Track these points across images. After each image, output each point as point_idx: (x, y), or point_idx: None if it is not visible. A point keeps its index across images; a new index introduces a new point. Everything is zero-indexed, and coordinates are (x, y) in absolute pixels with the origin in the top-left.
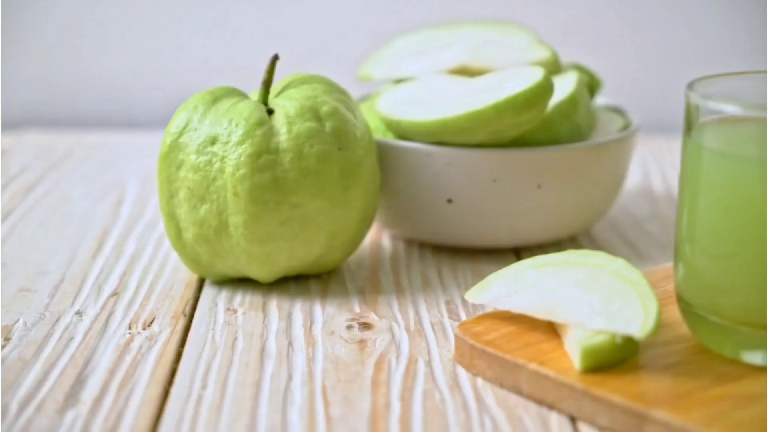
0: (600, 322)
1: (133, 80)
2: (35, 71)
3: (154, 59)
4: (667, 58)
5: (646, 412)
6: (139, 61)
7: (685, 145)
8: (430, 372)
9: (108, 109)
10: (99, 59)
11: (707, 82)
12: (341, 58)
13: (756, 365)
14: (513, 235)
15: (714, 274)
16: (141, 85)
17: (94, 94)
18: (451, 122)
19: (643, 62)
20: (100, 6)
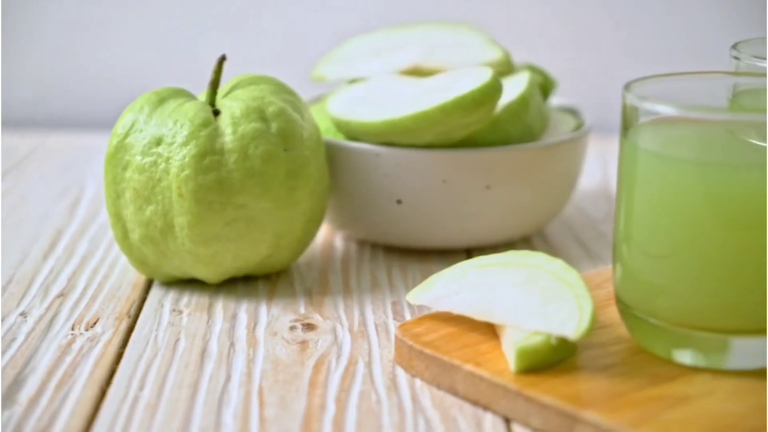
0: (536, 323)
1: (98, 81)
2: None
3: (119, 60)
4: (627, 58)
5: (576, 413)
6: (104, 63)
7: (621, 146)
8: (369, 373)
9: (74, 110)
10: (64, 61)
11: (643, 83)
12: (297, 59)
13: (687, 365)
14: (464, 235)
15: (650, 274)
16: (106, 87)
17: (59, 95)
18: (398, 123)
19: (603, 63)
20: (61, 8)
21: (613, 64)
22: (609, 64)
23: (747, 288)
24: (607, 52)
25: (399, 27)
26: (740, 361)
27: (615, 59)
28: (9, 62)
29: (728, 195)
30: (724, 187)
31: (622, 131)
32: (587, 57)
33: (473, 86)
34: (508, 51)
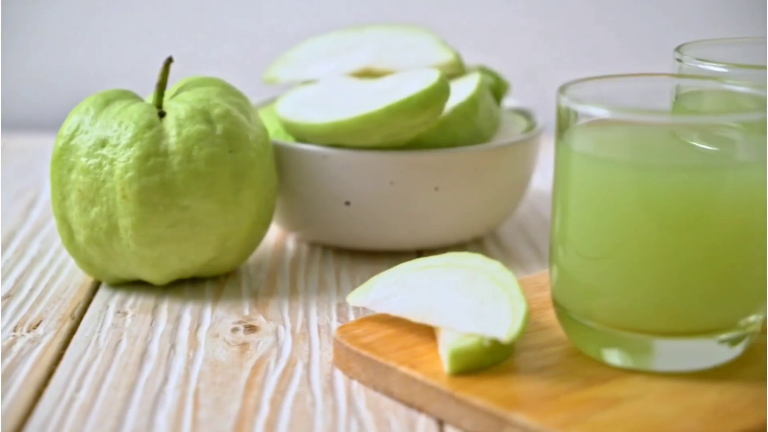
0: (470, 325)
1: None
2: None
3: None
4: (583, 60)
5: (506, 415)
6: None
7: (557, 149)
8: (307, 375)
9: (35, 111)
10: (20, 63)
11: (578, 86)
12: (253, 61)
13: (618, 366)
14: (414, 237)
15: (584, 276)
16: (64, 88)
17: (14, 97)
18: (345, 125)
19: (559, 65)
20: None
21: (568, 66)
22: (564, 66)
23: (679, 290)
24: (563, 54)
25: (352, 29)
26: (667, 362)
27: (571, 61)
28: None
29: (661, 197)
30: (657, 189)
31: (558, 134)
32: (542, 59)
33: (420, 88)
34: (459, 53)
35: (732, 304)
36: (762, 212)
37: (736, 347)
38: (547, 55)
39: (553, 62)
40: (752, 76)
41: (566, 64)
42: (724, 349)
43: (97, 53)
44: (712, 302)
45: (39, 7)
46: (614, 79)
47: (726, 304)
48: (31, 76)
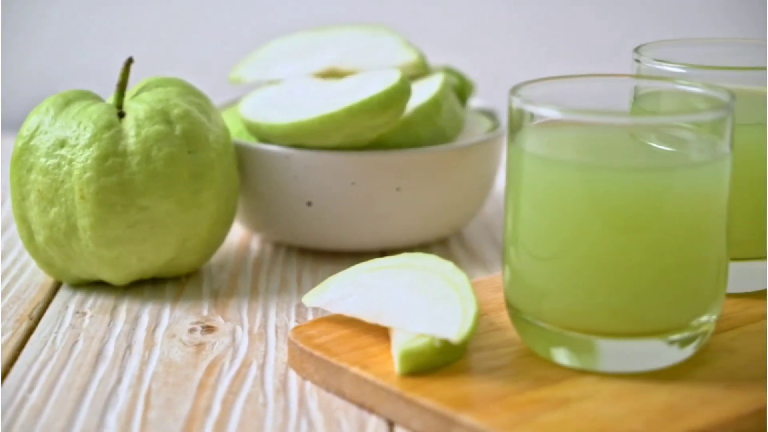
0: (421, 326)
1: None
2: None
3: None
4: (551, 60)
5: (453, 415)
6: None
7: (508, 150)
8: (261, 376)
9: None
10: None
11: (531, 87)
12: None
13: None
14: (377, 237)
15: (535, 276)
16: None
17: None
18: (305, 125)
19: (526, 65)
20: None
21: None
22: (532, 66)
23: (630, 290)
24: (531, 55)
25: (317, 29)
26: (613, 363)
27: (539, 62)
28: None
29: (610, 197)
30: (606, 190)
31: (509, 135)
32: (510, 59)
33: (380, 89)
34: (423, 53)
35: (684, 304)
36: (713, 212)
37: (687, 348)
38: (514, 55)
39: (521, 63)
40: (710, 77)
41: (534, 64)
42: (674, 350)
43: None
44: (663, 303)
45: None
46: (568, 79)
47: (677, 305)
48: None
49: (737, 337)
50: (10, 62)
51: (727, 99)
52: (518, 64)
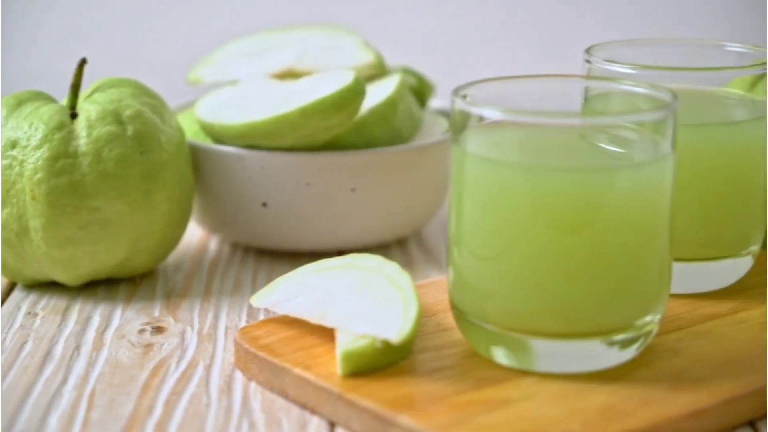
0: (363, 327)
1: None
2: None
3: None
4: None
5: (391, 416)
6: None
7: (452, 151)
8: (206, 376)
9: None
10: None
11: (472, 88)
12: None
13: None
14: (333, 238)
15: (478, 277)
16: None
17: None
18: (259, 126)
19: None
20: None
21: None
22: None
23: (572, 291)
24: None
25: (276, 30)
26: (549, 364)
27: (501, 62)
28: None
29: (551, 198)
30: (547, 190)
31: (453, 136)
32: (472, 61)
33: (333, 89)
34: (380, 54)
35: (626, 305)
36: (656, 212)
37: (630, 349)
38: (477, 56)
39: (484, 64)
40: (659, 78)
41: (497, 65)
42: (616, 350)
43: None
44: (605, 303)
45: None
46: (516, 80)
47: (620, 305)
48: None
49: (683, 338)
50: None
51: (669, 99)
52: (481, 65)
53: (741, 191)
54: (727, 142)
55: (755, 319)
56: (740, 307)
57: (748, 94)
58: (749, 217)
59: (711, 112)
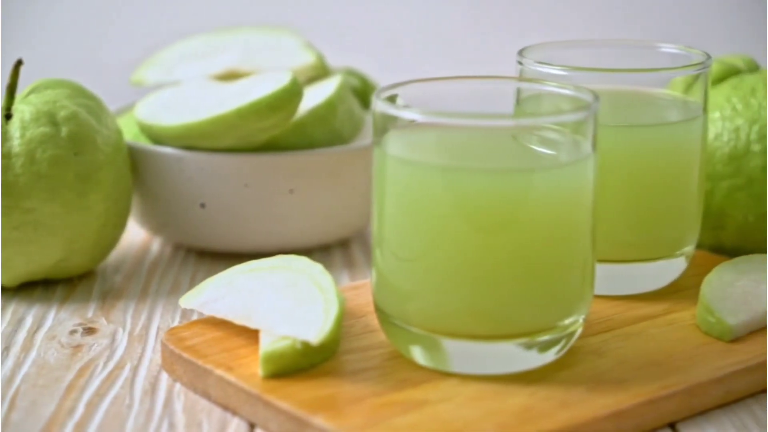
0: (285, 328)
1: None
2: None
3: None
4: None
5: (306, 418)
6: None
7: (374, 152)
8: (132, 377)
9: None
10: None
11: (394, 90)
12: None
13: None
14: (273, 239)
15: (399, 278)
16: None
17: None
18: (196, 127)
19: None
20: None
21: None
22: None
23: (492, 293)
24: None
25: (221, 30)
26: (462, 365)
27: (449, 64)
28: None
29: (471, 199)
30: (465, 192)
31: (374, 137)
32: (418, 62)
33: (269, 91)
34: (322, 55)
35: (548, 306)
36: (578, 213)
37: (552, 350)
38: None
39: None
40: (593, 79)
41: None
42: (533, 353)
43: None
44: (526, 305)
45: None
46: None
47: (541, 307)
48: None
49: (609, 340)
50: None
51: (590, 100)
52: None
53: (674, 192)
54: (660, 143)
55: (685, 321)
56: (672, 308)
57: (683, 95)
58: (682, 218)
59: (644, 113)
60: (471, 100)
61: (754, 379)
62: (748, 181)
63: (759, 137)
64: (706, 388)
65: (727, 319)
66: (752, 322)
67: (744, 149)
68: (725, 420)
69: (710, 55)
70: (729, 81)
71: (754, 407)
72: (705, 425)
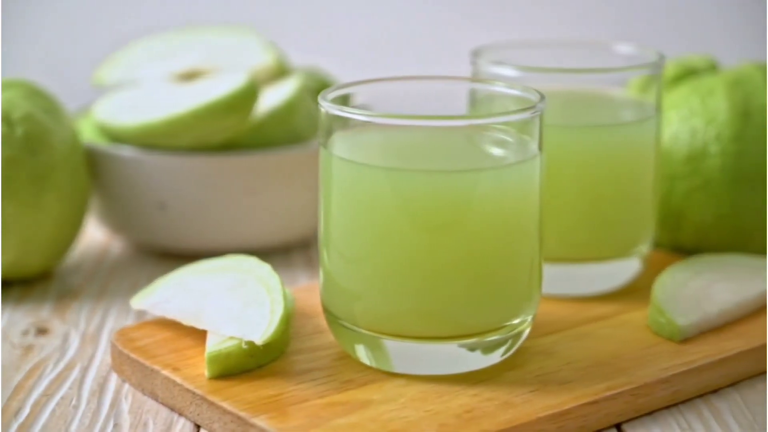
0: (231, 329)
1: None
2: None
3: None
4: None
5: (249, 418)
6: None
7: (320, 154)
8: (81, 378)
9: None
10: None
11: (341, 91)
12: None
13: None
14: (233, 239)
15: (345, 279)
16: None
17: None
18: (152, 127)
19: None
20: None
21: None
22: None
23: (437, 293)
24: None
25: (183, 30)
26: (404, 365)
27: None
28: None
29: (415, 200)
30: (410, 192)
31: (320, 138)
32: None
33: (226, 91)
34: (283, 55)
35: (493, 306)
36: (524, 213)
37: (496, 351)
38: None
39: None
40: (546, 80)
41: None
42: (476, 354)
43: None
44: (471, 305)
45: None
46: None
47: (487, 307)
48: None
49: (560, 341)
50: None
51: (536, 100)
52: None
53: (628, 191)
54: (613, 143)
55: (637, 322)
56: (625, 309)
57: (640, 95)
58: (636, 217)
59: (598, 113)
60: (426, 101)
61: (702, 380)
62: (706, 182)
63: (716, 138)
64: (653, 389)
65: (677, 319)
66: (703, 323)
67: (701, 150)
68: (671, 421)
69: (664, 55)
70: (688, 81)
71: (701, 407)
72: (651, 426)
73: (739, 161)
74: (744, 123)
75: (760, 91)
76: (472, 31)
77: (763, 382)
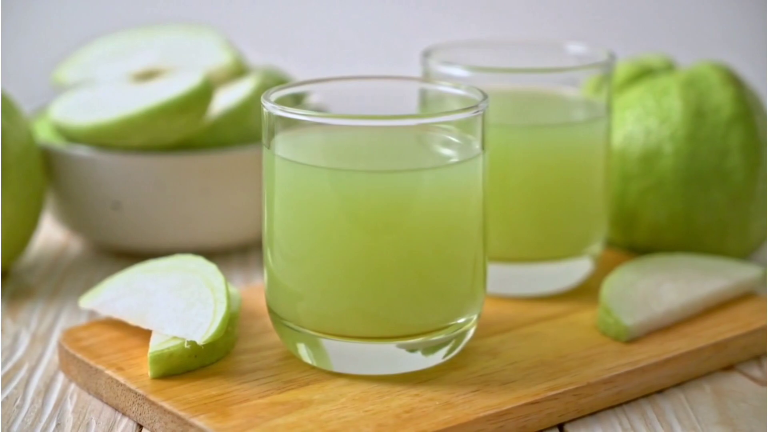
0: (175, 329)
1: None
2: None
3: None
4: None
5: (188, 418)
6: None
7: (263, 154)
8: (28, 378)
9: None
10: None
11: (283, 91)
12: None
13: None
14: (188, 239)
15: (288, 279)
16: None
17: None
18: (106, 127)
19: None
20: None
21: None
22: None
23: (378, 293)
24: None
25: (140, 30)
26: (343, 365)
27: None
28: None
29: (355, 200)
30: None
31: (263, 139)
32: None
33: (179, 91)
34: (240, 54)
35: (436, 306)
36: (466, 212)
37: (441, 350)
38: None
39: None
40: (496, 79)
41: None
42: (417, 354)
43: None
44: (413, 305)
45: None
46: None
47: (429, 307)
48: None
49: (506, 341)
50: None
51: (478, 99)
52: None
53: (578, 191)
54: (563, 143)
55: (585, 322)
56: (574, 309)
57: (592, 95)
58: (586, 217)
59: (548, 113)
60: (377, 101)
61: (646, 380)
62: (659, 182)
63: (670, 138)
64: (596, 389)
65: (624, 319)
66: (650, 323)
67: (655, 150)
68: (614, 421)
69: (614, 55)
70: (643, 81)
71: (646, 408)
72: (594, 426)
73: (693, 161)
74: (697, 123)
75: (713, 91)
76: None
77: (709, 383)
